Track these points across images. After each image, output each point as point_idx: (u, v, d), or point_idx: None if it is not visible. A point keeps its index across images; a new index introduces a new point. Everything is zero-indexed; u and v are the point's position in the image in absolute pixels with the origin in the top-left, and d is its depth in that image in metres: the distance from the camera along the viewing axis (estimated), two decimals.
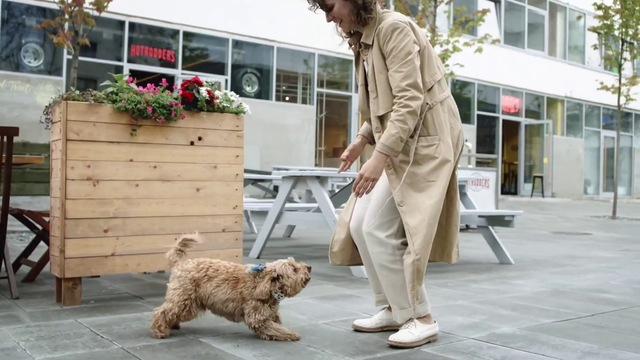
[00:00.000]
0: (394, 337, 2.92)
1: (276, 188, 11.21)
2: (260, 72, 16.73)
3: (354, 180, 5.95)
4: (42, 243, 5.09)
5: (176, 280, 3.05)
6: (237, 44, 16.13)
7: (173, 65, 15.04)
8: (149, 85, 4.01)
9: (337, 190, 6.84)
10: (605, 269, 5.93)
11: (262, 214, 6.48)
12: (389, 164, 2.97)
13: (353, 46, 3.19)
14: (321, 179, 5.56)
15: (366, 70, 3.11)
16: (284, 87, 17.42)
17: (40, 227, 4.68)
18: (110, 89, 3.88)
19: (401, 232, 2.99)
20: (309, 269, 3.03)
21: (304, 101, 17.69)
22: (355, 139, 3.31)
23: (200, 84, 4.13)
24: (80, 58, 10.98)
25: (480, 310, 3.79)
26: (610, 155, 27.04)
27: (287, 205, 6.40)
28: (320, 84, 17.97)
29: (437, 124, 2.98)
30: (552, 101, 24.13)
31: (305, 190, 8.46)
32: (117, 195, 3.82)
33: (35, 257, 5.03)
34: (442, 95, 3.03)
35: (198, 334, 3.08)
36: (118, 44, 14.40)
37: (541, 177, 22.61)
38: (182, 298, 2.99)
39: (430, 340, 3.01)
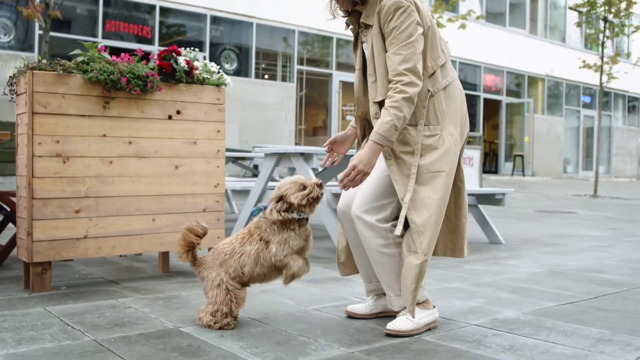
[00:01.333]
0: (392, 325, 2.69)
1: (256, 167, 10.94)
2: (239, 49, 16.35)
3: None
4: (10, 225, 4.79)
5: (212, 280, 2.74)
6: (215, 20, 15.72)
7: (149, 42, 14.60)
8: (123, 54, 3.72)
9: (320, 169, 6.58)
10: (596, 248, 5.77)
11: (244, 193, 6.22)
12: (388, 154, 2.72)
13: (352, 27, 2.91)
14: (306, 156, 5.30)
15: (365, 53, 2.84)
16: (263, 65, 17.06)
17: (8, 208, 4.39)
18: (80, 59, 3.58)
19: (393, 217, 2.76)
20: (320, 185, 2.72)
21: (284, 79, 17.36)
22: (346, 130, 3.04)
23: (179, 54, 3.85)
24: (54, 34, 10.58)
25: (478, 293, 3.59)
26: (590, 134, 27.10)
27: (270, 183, 6.15)
28: (300, 62, 17.63)
29: (439, 112, 2.74)
30: (532, 80, 24.02)
31: (287, 169, 8.20)
32: (89, 173, 3.54)
33: (3, 240, 4.74)
34: (445, 81, 2.78)
35: (179, 323, 2.83)
36: (92, 20, 13.93)
37: (522, 156, 22.54)
38: (223, 295, 2.72)
39: (430, 327, 2.79)
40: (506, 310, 3.18)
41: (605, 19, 16.05)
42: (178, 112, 3.85)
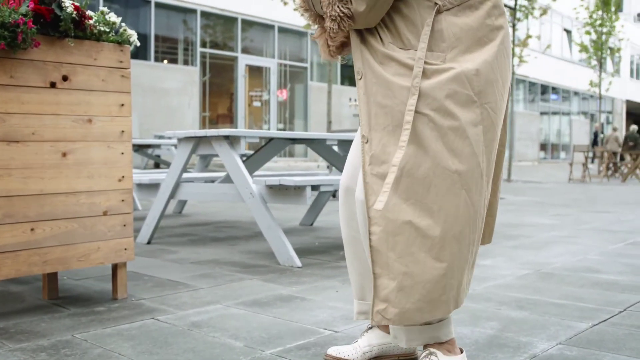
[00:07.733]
0: None
1: (159, 157, 9.76)
2: (137, 30, 14.97)
3: (271, 140, 4.75)
4: None
5: None
6: None
7: None
8: None
9: (251, 152, 5.55)
10: (562, 239, 5.09)
11: (152, 187, 5.12)
12: (357, 70, 1.80)
13: None
14: (231, 140, 4.29)
15: None
16: (163, 48, 15.72)
17: None
18: None
19: None
20: None
21: (186, 62, 16.09)
22: None
23: None
24: None
25: (482, 313, 2.73)
26: None
27: (184, 175, 5.10)
28: (203, 44, 16.41)
29: (448, 37, 1.74)
30: None
31: (199, 158, 7.13)
32: None
33: None
34: None
35: None
36: None
37: None
38: None
39: None
40: (537, 341, 2.33)
41: (516, 2, 15.96)
42: (65, 78, 2.76)
